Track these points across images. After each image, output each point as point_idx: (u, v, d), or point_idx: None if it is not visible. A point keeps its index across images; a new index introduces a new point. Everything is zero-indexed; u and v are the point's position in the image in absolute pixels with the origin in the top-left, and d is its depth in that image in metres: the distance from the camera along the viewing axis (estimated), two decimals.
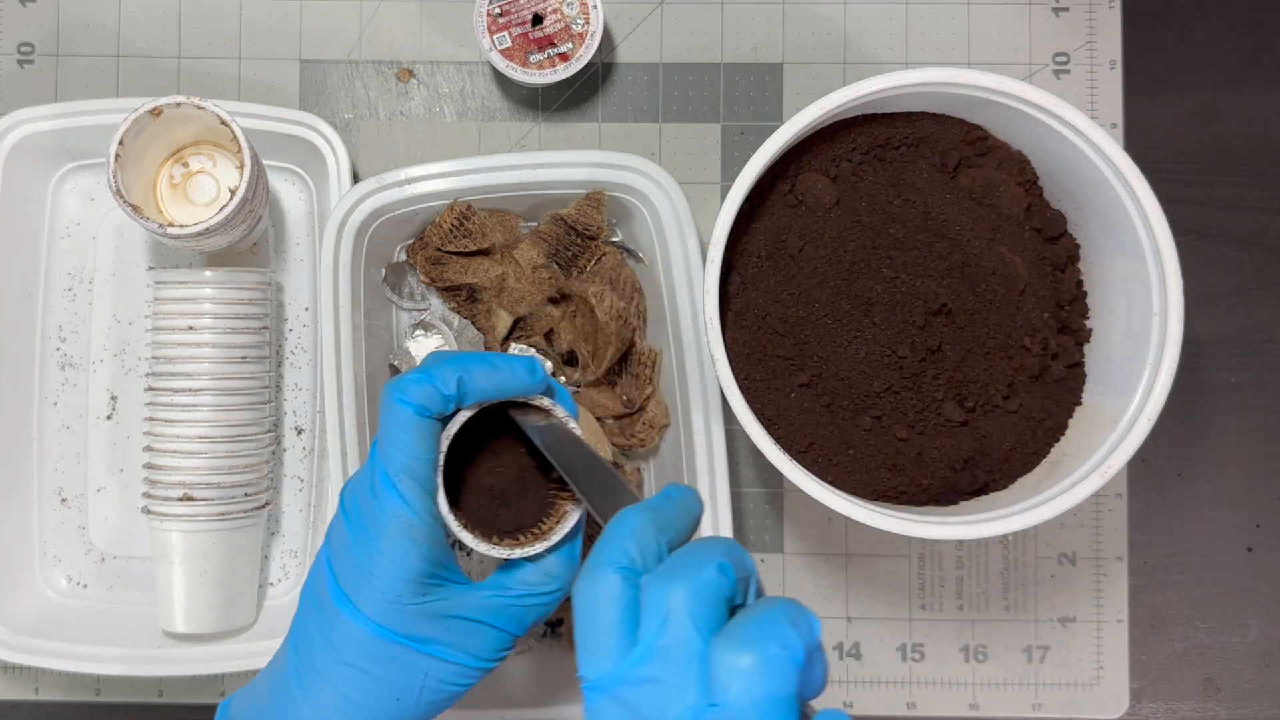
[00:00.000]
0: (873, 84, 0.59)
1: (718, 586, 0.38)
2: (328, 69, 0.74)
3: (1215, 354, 0.74)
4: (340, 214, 0.66)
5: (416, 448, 0.47)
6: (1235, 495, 0.73)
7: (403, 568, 0.47)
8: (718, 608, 0.38)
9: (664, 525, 0.40)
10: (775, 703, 0.36)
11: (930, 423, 0.62)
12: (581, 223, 0.69)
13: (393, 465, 0.47)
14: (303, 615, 0.50)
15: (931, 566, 0.73)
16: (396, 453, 0.47)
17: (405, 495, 0.47)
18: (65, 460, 0.72)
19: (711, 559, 0.38)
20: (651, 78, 0.74)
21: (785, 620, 0.37)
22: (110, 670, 0.67)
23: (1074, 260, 0.65)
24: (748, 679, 0.36)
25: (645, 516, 0.40)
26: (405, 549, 0.47)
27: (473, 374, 0.48)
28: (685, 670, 0.37)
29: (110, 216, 0.73)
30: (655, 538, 0.40)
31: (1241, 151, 0.74)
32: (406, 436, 0.47)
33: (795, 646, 0.37)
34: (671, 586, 0.38)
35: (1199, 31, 0.75)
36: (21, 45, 0.74)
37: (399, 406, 0.47)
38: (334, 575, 0.48)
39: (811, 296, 0.61)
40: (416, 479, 0.47)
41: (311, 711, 0.48)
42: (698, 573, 0.38)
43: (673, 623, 0.37)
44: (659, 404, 0.69)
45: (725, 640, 0.37)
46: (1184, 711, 0.73)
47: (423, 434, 0.47)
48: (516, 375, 0.49)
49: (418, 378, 0.47)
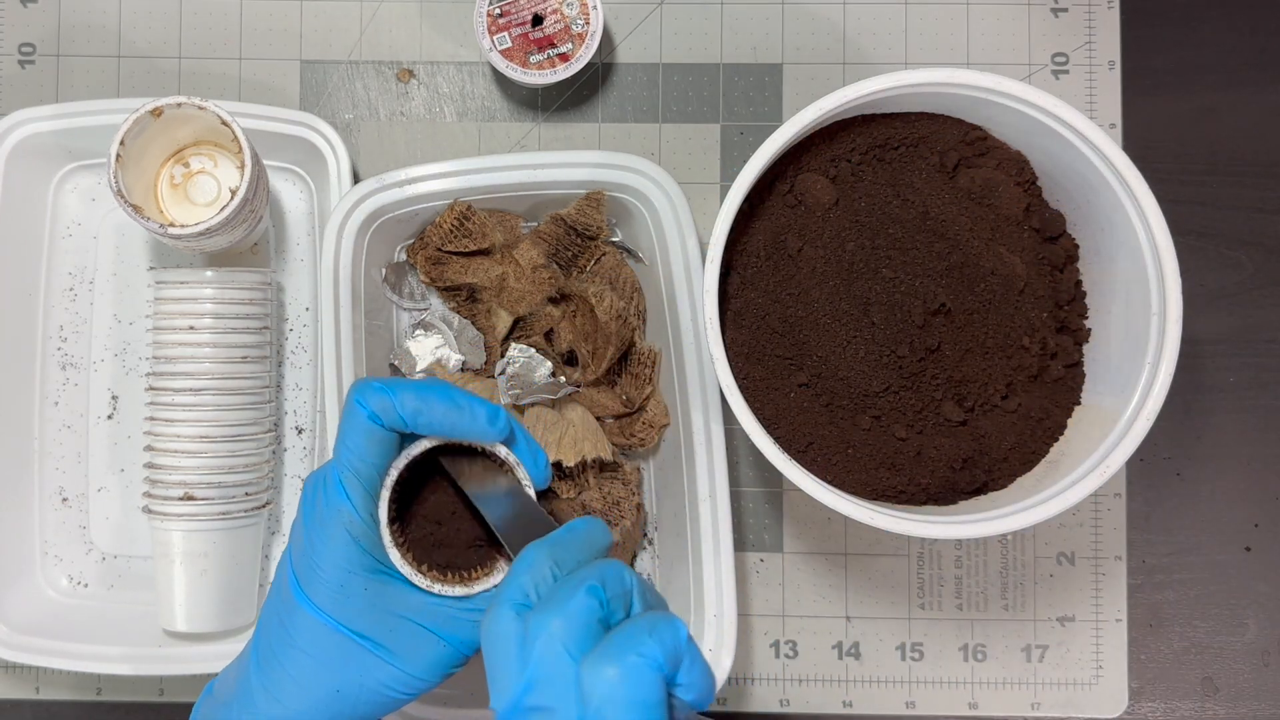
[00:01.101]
0: (872, 84, 0.59)
1: (587, 609, 0.41)
2: (328, 69, 0.74)
3: (1214, 354, 0.74)
4: (340, 214, 0.66)
5: (366, 451, 0.49)
6: (1234, 495, 0.73)
7: (344, 559, 0.48)
8: (588, 630, 0.41)
9: (561, 559, 0.44)
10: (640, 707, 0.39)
11: (929, 422, 0.62)
12: (581, 223, 0.69)
13: (342, 464, 0.49)
14: (269, 599, 0.51)
15: (931, 566, 0.73)
16: (347, 453, 0.49)
17: (349, 493, 0.48)
18: (66, 460, 0.72)
19: (582, 584, 0.42)
20: (651, 78, 0.74)
21: (644, 631, 0.41)
22: (111, 669, 0.67)
23: (1073, 260, 0.65)
24: (611, 688, 0.39)
25: (542, 552, 0.44)
26: (345, 542, 0.48)
27: (431, 405, 0.49)
28: (564, 692, 0.40)
29: (111, 216, 0.73)
30: (551, 571, 0.43)
31: (1240, 152, 0.74)
32: (359, 439, 0.49)
33: (653, 654, 0.40)
34: (545, 616, 0.41)
35: (1198, 32, 0.75)
36: (22, 45, 0.74)
37: (357, 408, 0.49)
38: (291, 563, 0.50)
39: (810, 296, 0.61)
40: (361, 480, 0.49)
41: (264, 694, 0.49)
42: (568, 600, 0.41)
43: (548, 650, 0.41)
44: (659, 403, 0.69)
45: (592, 658, 0.40)
46: (1183, 710, 0.73)
47: (373, 440, 0.49)
48: (475, 420, 0.50)
49: (380, 388, 0.49)
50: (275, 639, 0.49)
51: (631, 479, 0.70)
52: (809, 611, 0.73)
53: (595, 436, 0.68)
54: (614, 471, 0.70)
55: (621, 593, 0.43)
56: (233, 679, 0.51)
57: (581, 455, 0.66)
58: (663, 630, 0.41)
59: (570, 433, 0.67)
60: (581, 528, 0.46)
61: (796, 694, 0.72)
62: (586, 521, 0.46)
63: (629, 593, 0.43)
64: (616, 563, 0.44)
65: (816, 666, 0.72)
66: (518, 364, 0.69)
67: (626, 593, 0.43)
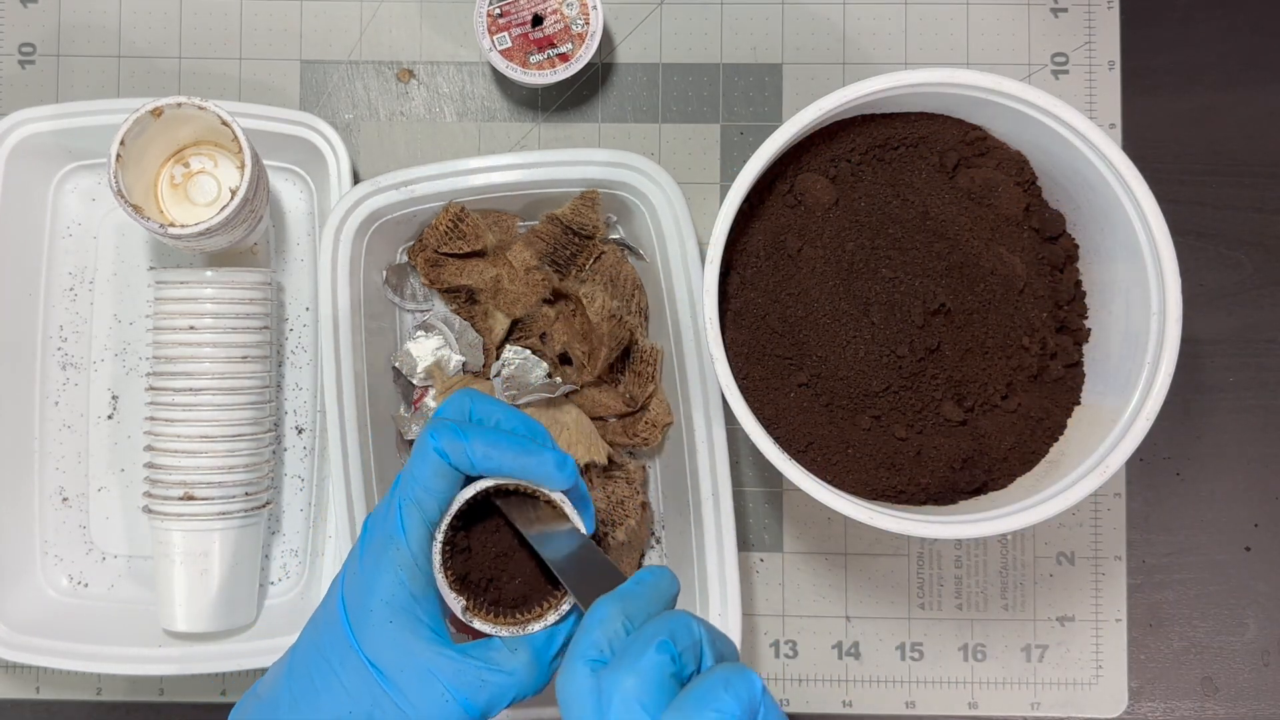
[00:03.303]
0: (872, 84, 0.59)
1: (659, 666, 0.42)
2: (328, 69, 0.74)
3: (1214, 353, 0.74)
4: (338, 216, 0.66)
5: (431, 483, 0.49)
6: (1233, 494, 0.73)
7: (385, 590, 0.49)
8: (663, 686, 0.42)
9: (633, 612, 0.44)
10: None
11: (929, 422, 0.62)
12: (577, 222, 0.69)
13: (406, 494, 0.50)
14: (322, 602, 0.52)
15: (930, 566, 0.73)
16: (413, 482, 0.49)
17: (405, 523, 0.49)
18: (66, 459, 0.72)
19: (652, 640, 0.42)
20: (651, 78, 0.74)
21: (720, 687, 0.41)
22: (111, 669, 0.67)
23: (1073, 260, 0.65)
24: None
25: (615, 607, 0.44)
26: (390, 573, 0.49)
27: (501, 451, 0.50)
28: None
29: (111, 216, 0.73)
30: (624, 625, 0.44)
31: (1240, 152, 0.74)
32: (426, 471, 0.49)
33: (730, 710, 0.41)
34: (620, 675, 0.42)
35: (1198, 32, 0.75)
36: (23, 46, 0.74)
37: (429, 442, 0.49)
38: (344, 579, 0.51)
39: (810, 296, 0.61)
40: (423, 510, 0.49)
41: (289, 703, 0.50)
42: (640, 657, 0.42)
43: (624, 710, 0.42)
44: (661, 402, 0.69)
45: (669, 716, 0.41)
46: (1182, 710, 0.73)
47: (440, 473, 0.49)
48: (544, 467, 0.50)
49: (455, 431, 0.49)
50: (310, 648, 0.50)
51: (636, 478, 0.70)
52: (809, 611, 0.73)
53: (590, 440, 0.68)
54: (618, 471, 0.70)
55: (691, 644, 0.43)
56: (270, 680, 0.52)
57: (575, 460, 0.66)
58: (738, 685, 0.41)
59: (564, 437, 0.67)
60: (649, 579, 0.46)
61: (796, 694, 0.72)
62: (654, 572, 0.47)
63: (699, 643, 0.44)
64: (684, 614, 0.44)
65: (816, 666, 0.72)
66: (513, 365, 0.69)
67: (696, 644, 0.43)
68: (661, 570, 0.47)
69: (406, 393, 0.71)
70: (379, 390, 0.69)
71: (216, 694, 0.72)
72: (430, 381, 0.70)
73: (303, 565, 0.72)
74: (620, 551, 0.68)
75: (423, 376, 0.70)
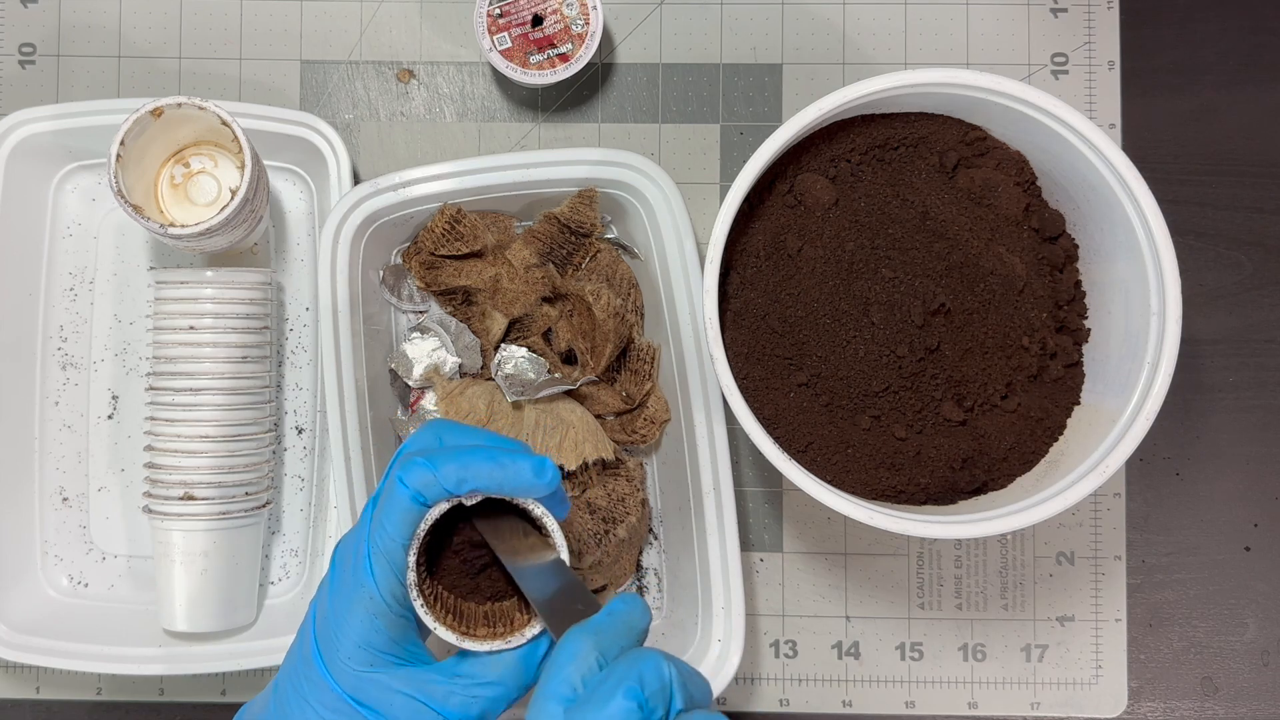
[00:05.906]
0: (871, 85, 0.59)
1: (626, 711, 0.42)
2: (328, 69, 0.74)
3: (1213, 354, 0.74)
4: (337, 217, 0.66)
5: (400, 533, 0.49)
6: (1233, 495, 0.73)
7: (359, 636, 0.49)
8: None
9: (605, 647, 0.44)
10: None
11: (929, 422, 0.62)
12: (575, 220, 0.69)
13: (375, 544, 0.49)
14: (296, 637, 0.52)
15: (930, 566, 0.73)
16: (381, 533, 0.49)
17: (376, 574, 0.49)
18: (66, 459, 0.72)
19: (619, 685, 0.42)
20: (651, 78, 0.74)
21: None
22: (111, 669, 0.67)
23: (1072, 260, 0.65)
24: None
25: (586, 642, 0.44)
26: (364, 620, 0.49)
27: (475, 470, 0.49)
28: None
29: (111, 217, 0.73)
30: (596, 660, 0.44)
31: (1239, 152, 0.74)
32: (395, 518, 0.49)
33: None
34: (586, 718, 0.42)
35: (1197, 32, 0.75)
36: (23, 46, 0.74)
37: (399, 488, 0.49)
38: (314, 619, 0.51)
39: (810, 296, 0.61)
40: (391, 563, 0.49)
41: None
42: (606, 703, 0.42)
43: None
44: (659, 399, 0.69)
45: None
46: (1182, 710, 0.73)
47: (410, 521, 0.49)
48: (521, 476, 0.49)
49: (423, 465, 0.49)
50: (289, 686, 0.51)
51: (635, 475, 0.70)
52: (809, 611, 0.73)
53: (595, 437, 0.68)
54: (617, 468, 0.70)
55: (660, 688, 0.43)
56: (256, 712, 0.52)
57: (583, 458, 0.66)
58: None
59: (570, 435, 0.67)
60: (621, 610, 0.46)
61: (796, 694, 0.72)
62: (625, 601, 0.47)
63: (668, 687, 0.43)
64: (655, 655, 0.44)
65: (816, 666, 0.72)
66: (511, 364, 0.69)
67: (665, 687, 0.43)
68: (634, 600, 0.47)
69: (403, 395, 0.71)
70: (379, 390, 0.69)
71: (217, 694, 0.72)
72: (428, 384, 0.70)
73: (303, 565, 0.72)
74: (620, 548, 0.68)
75: (420, 379, 0.70)
